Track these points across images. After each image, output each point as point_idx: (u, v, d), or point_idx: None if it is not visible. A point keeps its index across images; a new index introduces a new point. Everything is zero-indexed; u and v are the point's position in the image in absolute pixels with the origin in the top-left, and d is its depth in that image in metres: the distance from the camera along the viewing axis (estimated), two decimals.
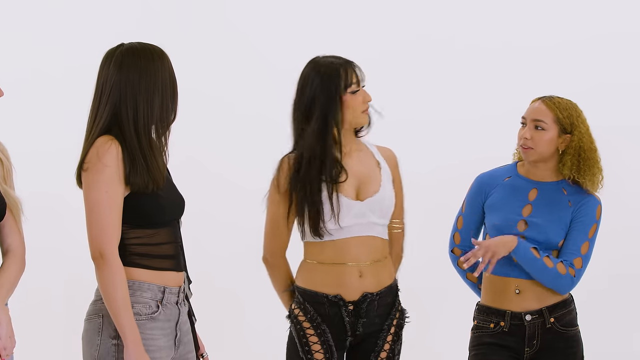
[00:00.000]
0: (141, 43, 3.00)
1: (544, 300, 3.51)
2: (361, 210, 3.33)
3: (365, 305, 3.35)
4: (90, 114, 2.98)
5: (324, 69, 3.32)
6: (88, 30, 5.30)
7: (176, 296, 3.04)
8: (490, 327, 3.54)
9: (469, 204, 3.67)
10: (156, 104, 2.95)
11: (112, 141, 2.89)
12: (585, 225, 3.49)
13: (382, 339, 3.39)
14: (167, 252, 3.02)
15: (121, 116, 2.93)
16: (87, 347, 2.97)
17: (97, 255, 2.88)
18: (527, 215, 3.51)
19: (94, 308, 2.97)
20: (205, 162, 5.15)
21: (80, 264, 4.15)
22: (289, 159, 3.37)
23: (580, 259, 3.48)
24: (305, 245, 3.42)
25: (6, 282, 2.99)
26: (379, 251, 3.39)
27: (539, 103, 3.52)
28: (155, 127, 2.97)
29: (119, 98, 2.93)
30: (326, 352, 3.34)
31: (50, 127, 5.19)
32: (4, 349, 2.93)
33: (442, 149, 5.13)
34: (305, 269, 3.41)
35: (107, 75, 2.95)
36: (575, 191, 3.53)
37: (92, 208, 2.88)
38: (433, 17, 5.19)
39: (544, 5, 5.05)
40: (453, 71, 5.17)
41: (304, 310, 3.37)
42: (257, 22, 5.23)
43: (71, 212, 3.09)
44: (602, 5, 4.97)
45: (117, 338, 2.91)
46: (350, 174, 3.35)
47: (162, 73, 2.97)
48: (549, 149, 3.49)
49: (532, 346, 3.51)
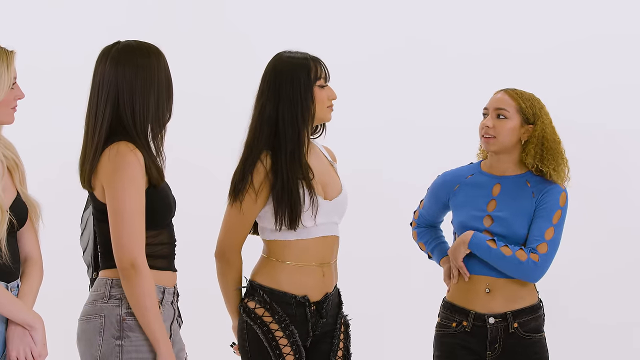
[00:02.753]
0: (137, 41, 3.01)
1: (511, 304, 3.47)
2: (328, 210, 3.32)
3: (326, 305, 3.34)
4: (89, 113, 2.97)
5: (295, 60, 3.28)
6: (86, 28, 5.30)
7: (172, 296, 3.05)
8: (452, 327, 3.52)
9: (430, 194, 3.68)
10: (152, 103, 2.95)
11: (135, 150, 2.88)
12: (549, 212, 3.45)
13: (337, 337, 3.38)
14: (165, 253, 3.03)
15: (121, 114, 2.93)
16: (87, 347, 2.95)
17: (127, 265, 2.86)
18: (492, 211, 3.49)
19: (93, 308, 2.95)
20: (201, 163, 5.16)
21: (67, 261, 4.15)
22: (263, 159, 3.24)
23: (545, 244, 3.42)
24: (269, 244, 3.33)
25: (31, 289, 2.96)
26: (336, 251, 3.39)
27: (501, 93, 3.52)
28: (151, 126, 2.96)
29: (116, 96, 2.93)
30: (296, 353, 3.29)
31: (38, 125, 5.17)
32: (40, 356, 2.90)
33: (432, 154, 5.12)
34: (268, 268, 3.33)
35: (103, 73, 2.95)
36: (538, 182, 3.50)
37: (123, 217, 2.85)
38: (427, 22, 5.20)
39: (534, 11, 5.07)
40: (446, 76, 5.18)
41: (271, 310, 3.29)
42: (256, 22, 5.23)
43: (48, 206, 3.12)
44: (593, 10, 4.99)
45: (121, 339, 2.90)
46: (315, 173, 3.31)
47: (158, 71, 2.97)
48: (511, 139, 3.47)
49: (494, 350, 3.48)
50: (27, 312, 2.89)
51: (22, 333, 2.88)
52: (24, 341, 2.88)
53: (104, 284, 2.96)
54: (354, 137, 5.10)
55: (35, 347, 2.89)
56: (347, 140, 4.76)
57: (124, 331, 2.90)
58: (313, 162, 3.33)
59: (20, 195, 2.98)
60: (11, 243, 2.92)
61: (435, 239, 3.74)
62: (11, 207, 2.91)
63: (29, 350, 2.88)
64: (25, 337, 2.88)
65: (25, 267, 2.99)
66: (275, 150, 3.25)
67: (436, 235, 3.75)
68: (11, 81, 2.91)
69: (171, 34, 5.04)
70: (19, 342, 2.88)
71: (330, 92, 3.32)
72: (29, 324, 2.88)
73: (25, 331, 2.88)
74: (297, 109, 3.25)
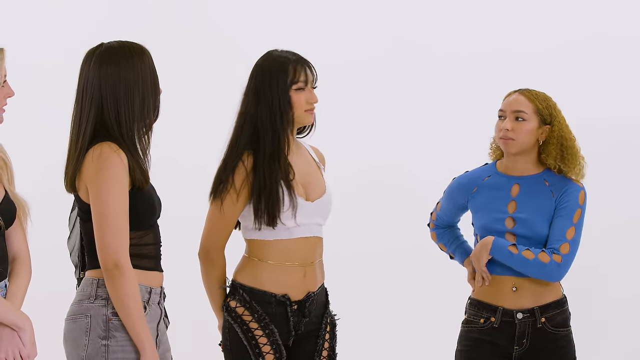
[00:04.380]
0: (120, 41, 3.00)
1: (539, 299, 3.50)
2: (310, 211, 3.32)
3: (309, 304, 3.34)
4: (75, 116, 2.97)
5: (278, 61, 3.29)
6: (70, 27, 5.29)
7: (159, 296, 3.05)
8: (480, 322, 3.53)
9: (447, 197, 3.69)
10: (136, 103, 2.95)
11: (118, 150, 2.88)
12: (570, 211, 3.47)
13: (322, 337, 3.38)
14: (151, 253, 3.03)
15: (104, 117, 2.93)
16: (73, 347, 2.95)
17: (111, 265, 2.85)
18: (513, 212, 3.51)
19: (80, 308, 2.96)
20: (184, 163, 5.15)
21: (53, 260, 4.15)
22: (244, 160, 3.27)
23: (568, 244, 3.45)
24: (250, 243, 3.35)
25: (20, 289, 2.96)
26: (319, 251, 3.39)
27: (517, 95, 3.52)
28: (137, 126, 2.96)
29: (99, 99, 2.93)
30: (276, 352, 3.30)
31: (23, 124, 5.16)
32: (28, 357, 2.90)
33: (421, 155, 5.13)
34: (249, 267, 3.34)
35: (87, 76, 2.96)
36: (557, 181, 3.52)
37: (107, 218, 2.85)
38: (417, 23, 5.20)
39: (525, 12, 5.07)
40: (434, 77, 5.18)
41: (251, 309, 3.30)
42: (241, 22, 5.23)
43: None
44: (586, 10, 4.99)
45: (107, 339, 2.90)
46: (297, 173, 3.32)
47: (142, 70, 2.96)
48: (530, 140, 3.48)
49: (521, 345, 3.49)
50: (15, 312, 2.89)
51: (10, 334, 2.88)
52: (12, 342, 2.88)
53: (91, 284, 2.96)
54: (338, 139, 5.09)
55: (24, 348, 2.89)
56: (331, 142, 4.76)
57: (110, 331, 2.90)
58: (296, 161, 3.34)
59: (8, 194, 2.97)
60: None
61: (456, 239, 3.76)
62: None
63: (18, 351, 2.88)
64: (14, 338, 2.88)
65: (13, 266, 2.99)
66: (256, 151, 3.27)
67: (456, 235, 3.77)
68: (1, 79, 2.91)
69: (154, 34, 5.02)
70: (7, 343, 2.88)
71: (310, 95, 3.30)
72: (17, 325, 2.88)
73: (14, 332, 2.88)
74: (275, 113, 3.27)
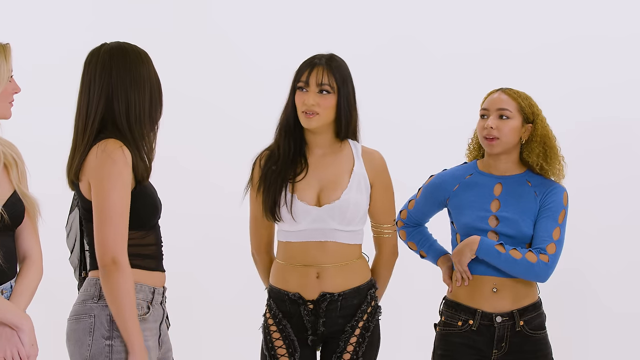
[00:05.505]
0: (124, 42, 3.02)
1: (517, 302, 3.49)
2: (319, 216, 3.34)
3: (325, 305, 3.36)
4: (79, 113, 2.97)
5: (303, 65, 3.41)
6: (67, 28, 5.28)
7: (161, 296, 3.06)
8: (458, 325, 3.52)
9: (425, 193, 3.66)
10: (146, 100, 2.97)
11: (123, 147, 2.88)
12: (554, 212, 3.47)
13: (344, 340, 3.40)
14: (153, 253, 3.04)
15: (114, 111, 2.94)
16: (76, 347, 2.94)
17: (108, 262, 2.84)
18: (497, 211, 3.50)
19: (83, 308, 2.95)
20: (187, 164, 5.15)
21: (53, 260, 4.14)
22: (261, 157, 3.44)
23: (554, 245, 3.45)
24: (277, 245, 3.48)
25: (27, 289, 2.95)
26: (342, 255, 3.39)
27: (499, 93, 3.51)
28: (145, 122, 2.98)
29: (110, 93, 2.94)
30: (289, 347, 3.40)
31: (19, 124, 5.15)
32: (27, 357, 2.89)
33: (417, 153, 5.13)
34: (274, 268, 3.48)
35: (93, 73, 2.96)
36: (539, 182, 3.52)
37: (107, 214, 2.84)
38: (412, 21, 5.21)
39: (521, 11, 5.08)
40: (431, 75, 5.18)
41: (269, 306, 3.46)
42: (240, 23, 5.23)
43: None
44: (578, 10, 5.00)
45: (110, 339, 2.90)
46: (314, 177, 3.37)
47: (149, 71, 2.99)
48: (514, 139, 3.48)
49: (500, 348, 3.49)
50: (15, 312, 2.88)
51: (9, 334, 2.88)
52: (11, 342, 2.87)
53: (94, 284, 2.96)
54: None
55: (23, 348, 2.89)
56: None
57: (113, 331, 2.90)
58: (319, 164, 3.40)
59: (17, 193, 2.97)
60: (5, 242, 2.92)
61: (427, 238, 3.74)
62: (4, 205, 2.90)
63: (16, 351, 2.87)
64: (13, 337, 2.88)
65: (22, 265, 2.98)
66: (272, 149, 3.42)
67: (426, 234, 3.75)
68: (10, 73, 2.91)
69: (154, 34, 5.04)
70: (6, 343, 2.87)
71: (305, 98, 3.34)
72: (16, 325, 2.87)
73: (13, 332, 2.87)
74: (284, 113, 3.43)
